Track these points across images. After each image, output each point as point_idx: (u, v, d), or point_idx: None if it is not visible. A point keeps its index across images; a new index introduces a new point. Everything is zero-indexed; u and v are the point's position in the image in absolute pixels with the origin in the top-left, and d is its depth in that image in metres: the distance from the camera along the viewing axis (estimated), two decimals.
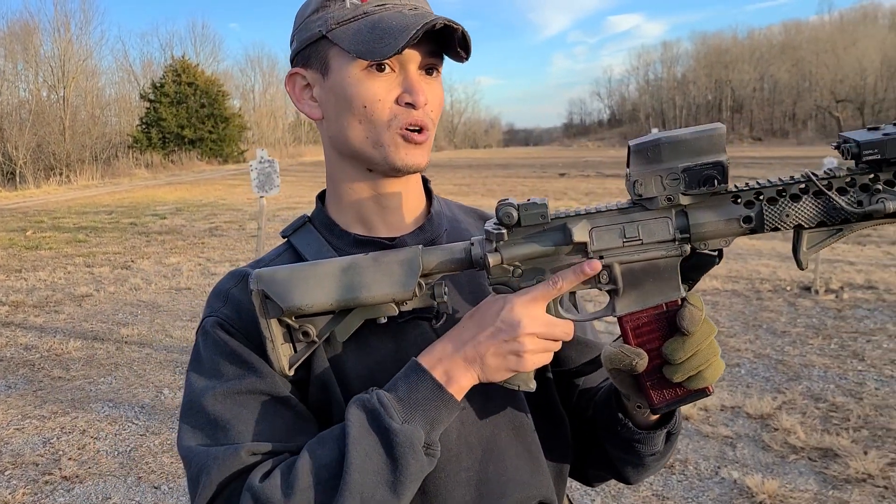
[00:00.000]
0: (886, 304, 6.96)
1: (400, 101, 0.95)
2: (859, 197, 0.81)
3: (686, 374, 0.88)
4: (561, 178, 25.52)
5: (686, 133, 0.83)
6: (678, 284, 0.87)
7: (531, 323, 0.86)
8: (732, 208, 0.84)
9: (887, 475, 3.61)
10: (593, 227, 0.87)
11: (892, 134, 0.79)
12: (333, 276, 0.90)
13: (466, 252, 0.90)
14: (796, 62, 74.87)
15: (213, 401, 0.93)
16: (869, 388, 4.81)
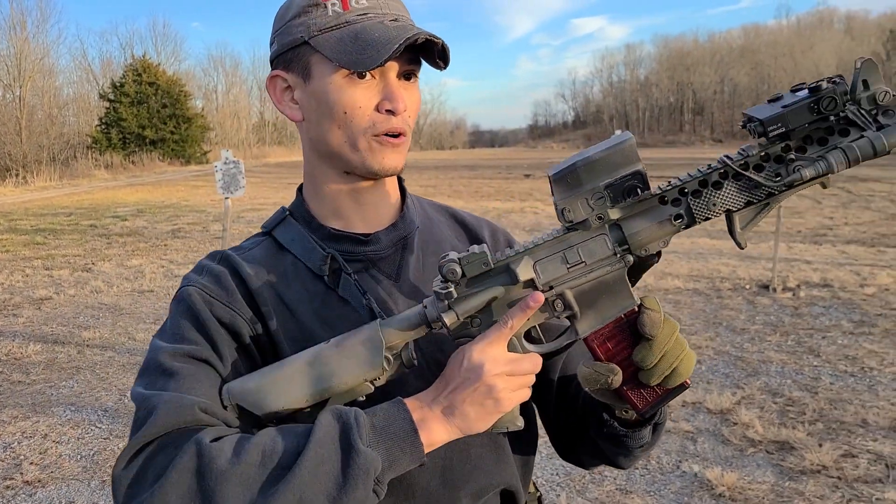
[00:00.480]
0: (841, 301, 7.16)
1: (380, 108, 0.98)
2: (777, 169, 0.83)
3: (661, 375, 0.90)
4: (526, 179, 25.70)
5: (598, 152, 0.85)
6: (630, 293, 0.89)
7: (494, 365, 0.87)
8: (662, 210, 0.86)
9: (840, 466, 3.73)
10: (536, 262, 0.89)
11: (790, 105, 0.80)
12: (301, 372, 0.91)
13: (422, 316, 0.92)
14: (755, 65, 76.34)
15: (170, 357, 0.93)
16: (824, 382, 4.96)
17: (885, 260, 9.29)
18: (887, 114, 0.80)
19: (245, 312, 1.00)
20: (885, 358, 5.42)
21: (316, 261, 1.04)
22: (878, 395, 4.70)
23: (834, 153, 0.81)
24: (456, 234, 1.20)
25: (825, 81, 0.80)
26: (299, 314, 1.02)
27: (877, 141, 0.79)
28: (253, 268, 1.04)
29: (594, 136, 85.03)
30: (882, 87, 0.80)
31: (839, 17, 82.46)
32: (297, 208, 1.11)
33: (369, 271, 1.06)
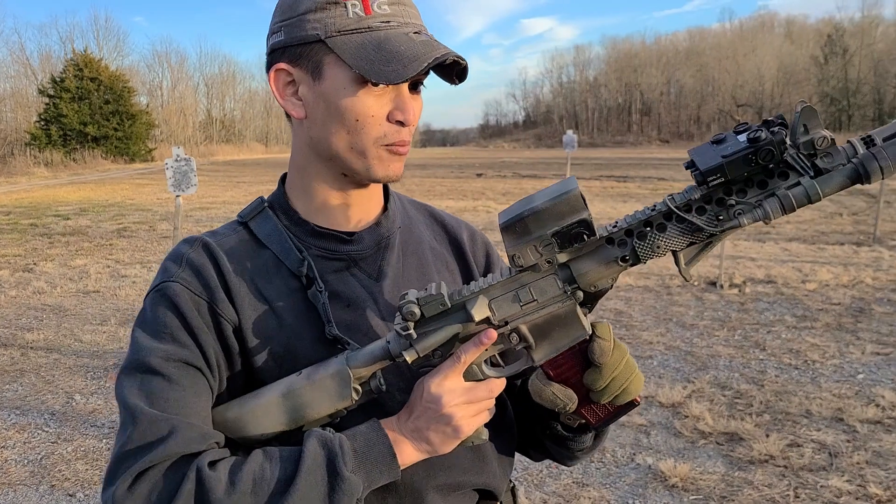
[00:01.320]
0: (784, 297, 7.39)
1: (391, 117, 0.98)
2: (718, 213, 0.86)
3: (611, 395, 0.97)
4: (478, 179, 25.82)
5: (544, 202, 0.88)
6: (581, 325, 0.93)
7: (450, 397, 0.93)
8: (608, 251, 0.90)
9: (787, 455, 3.86)
10: (491, 300, 0.93)
11: (730, 155, 0.83)
12: (276, 403, 0.96)
13: (385, 350, 0.95)
14: (700, 68, 78.09)
15: (163, 361, 0.94)
16: (770, 375, 5.11)
17: (824, 257, 9.61)
18: (826, 157, 0.83)
19: (228, 312, 0.99)
20: (826, 351, 5.62)
21: (293, 262, 1.03)
22: (820, 386, 4.87)
23: (770, 201, 0.84)
24: (435, 235, 1.20)
25: (764, 130, 0.83)
26: (279, 310, 1.01)
27: (811, 189, 0.83)
28: (232, 260, 1.02)
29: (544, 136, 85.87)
30: (820, 133, 0.83)
31: (779, 21, 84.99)
32: (277, 200, 1.09)
33: (350, 270, 1.06)
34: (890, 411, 4.40)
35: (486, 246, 1.25)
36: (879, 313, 6.68)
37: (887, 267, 8.84)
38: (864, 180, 0.82)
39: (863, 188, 17.84)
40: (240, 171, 32.70)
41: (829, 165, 0.83)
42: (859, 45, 57.88)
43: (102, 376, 5.24)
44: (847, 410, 4.42)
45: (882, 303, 7.07)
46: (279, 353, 1.00)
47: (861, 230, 11.92)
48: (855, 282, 8.02)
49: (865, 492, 3.46)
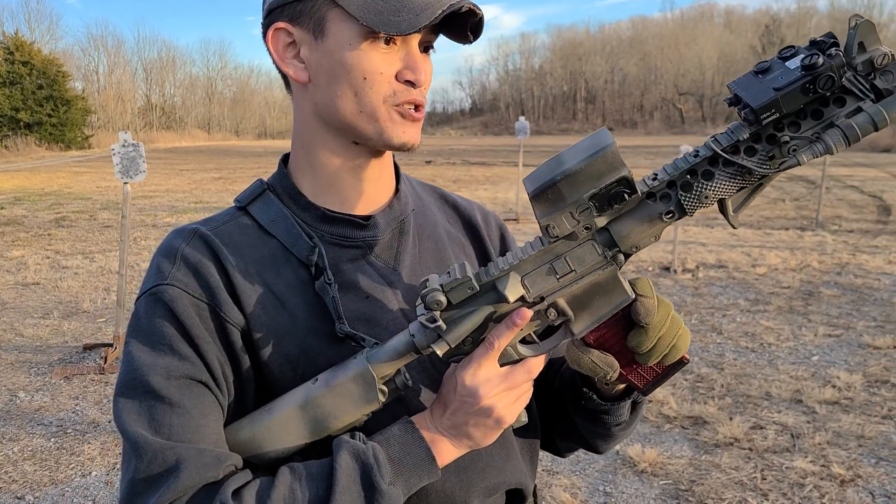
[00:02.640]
0: (736, 281, 7.53)
1: (400, 77, 0.89)
2: (770, 151, 0.77)
3: (659, 355, 0.88)
4: (427, 166, 25.71)
5: (579, 163, 0.78)
6: (623, 289, 0.85)
7: (487, 387, 0.84)
8: (651, 208, 0.81)
9: (751, 438, 3.90)
10: (524, 276, 0.84)
11: (784, 87, 0.74)
12: (295, 416, 0.86)
13: (410, 345, 0.86)
14: (643, 56, 79.34)
15: (164, 380, 0.84)
16: (728, 358, 5.18)
17: (771, 241, 9.84)
18: (885, 76, 0.75)
19: (233, 315, 0.88)
20: (780, 334, 5.73)
21: (302, 250, 0.93)
22: (777, 369, 4.95)
23: (832, 133, 0.74)
24: (448, 218, 1.12)
25: (820, 54, 0.73)
26: (291, 306, 0.91)
27: (877, 115, 0.74)
28: (234, 252, 0.91)
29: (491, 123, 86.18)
30: (880, 50, 0.74)
31: (719, 11, 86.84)
32: (279, 182, 0.98)
33: (366, 258, 0.97)
34: (846, 392, 4.50)
35: (501, 227, 1.17)
36: (827, 296, 6.85)
37: (831, 251, 9.09)
38: None
39: (802, 175, 18.39)
40: (182, 159, 31.90)
41: (890, 85, 0.74)
42: (795, 35, 59.58)
43: (47, 372, 5.00)
44: (805, 392, 4.50)
45: (829, 286, 7.25)
46: (294, 354, 0.90)
47: (804, 215, 12.25)
48: (802, 265, 8.22)
49: (829, 472, 3.51)
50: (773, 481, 3.46)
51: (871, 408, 4.28)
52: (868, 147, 29.89)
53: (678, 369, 0.92)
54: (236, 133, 74.08)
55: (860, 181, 17.46)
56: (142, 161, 4.90)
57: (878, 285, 7.23)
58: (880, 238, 9.97)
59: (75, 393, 4.66)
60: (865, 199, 14.23)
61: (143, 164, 4.92)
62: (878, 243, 9.59)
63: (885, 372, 4.83)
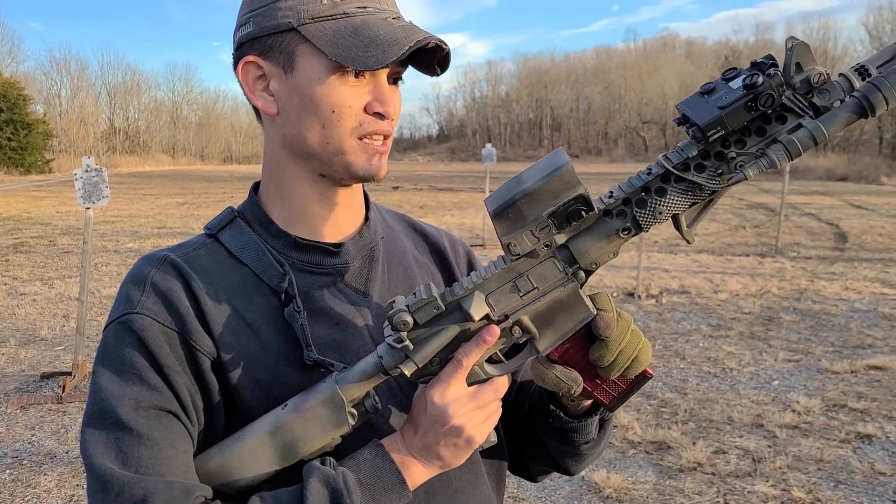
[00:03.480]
0: (699, 306, 7.64)
1: (368, 108, 0.90)
2: (718, 167, 0.81)
3: (620, 368, 0.90)
4: (395, 191, 25.76)
5: (537, 182, 0.81)
6: (585, 306, 0.87)
7: (456, 406, 0.86)
8: (608, 225, 0.85)
9: (714, 463, 3.95)
10: (488, 295, 0.86)
11: (728, 105, 0.78)
12: (264, 443, 0.87)
13: (378, 366, 0.88)
14: (607, 85, 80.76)
15: (133, 410, 0.83)
16: (691, 384, 5.24)
17: (733, 268, 10.02)
18: (822, 93, 0.79)
19: (204, 344, 0.88)
20: (742, 359, 5.82)
21: (273, 278, 0.93)
22: (739, 393, 5.03)
23: (775, 149, 0.79)
24: (416, 245, 1.14)
25: (759, 74, 0.78)
26: (262, 333, 0.91)
27: (816, 131, 0.78)
28: (205, 280, 0.92)
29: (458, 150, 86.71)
30: (816, 69, 0.78)
31: (680, 42, 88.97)
32: (250, 210, 0.99)
33: (337, 285, 0.98)
34: (805, 416, 4.58)
35: (468, 255, 1.19)
36: (787, 321, 6.99)
37: (790, 277, 9.29)
38: (870, 113, 0.78)
39: (762, 202, 18.80)
40: (146, 184, 31.51)
41: (828, 102, 0.79)
42: None
43: (3, 402, 4.87)
44: (766, 416, 4.57)
45: (788, 311, 7.40)
46: (265, 381, 0.90)
47: (763, 242, 12.51)
48: (763, 291, 8.38)
49: (790, 496, 3.57)
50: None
51: (829, 432, 4.36)
52: (825, 175, 30.73)
53: (642, 384, 0.94)
54: (202, 158, 73.45)
55: (817, 209, 17.91)
56: (105, 186, 4.85)
57: (835, 311, 7.39)
58: (837, 265, 10.22)
59: (32, 423, 4.55)
60: (823, 227, 14.59)
61: (105, 189, 4.87)
62: (834, 270, 9.82)
63: (842, 396, 4.93)
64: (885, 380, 5.26)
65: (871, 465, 3.88)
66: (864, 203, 19.39)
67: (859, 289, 8.46)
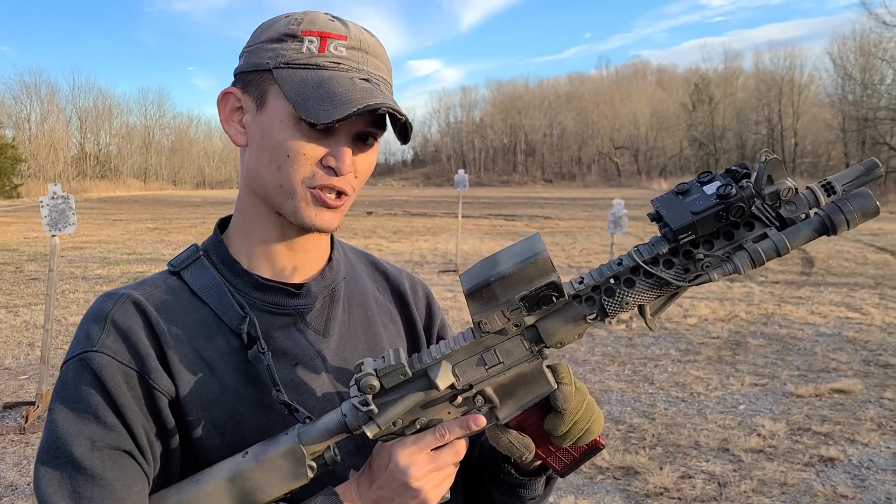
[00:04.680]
0: (668, 332, 7.72)
1: (324, 161, 0.93)
2: (686, 265, 0.85)
3: (573, 438, 0.94)
4: (369, 217, 25.76)
5: (512, 267, 0.85)
6: (547, 381, 0.91)
7: (417, 467, 0.88)
8: (576, 309, 0.88)
9: (680, 487, 3.98)
10: (455, 365, 0.89)
11: (700, 212, 0.83)
12: (222, 490, 0.88)
13: (342, 425, 0.90)
14: (580, 111, 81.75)
15: (88, 451, 0.84)
16: (659, 408, 5.29)
17: (702, 292, 10.14)
18: (789, 205, 0.84)
19: (163, 383, 0.90)
20: (709, 383, 5.89)
21: (233, 319, 0.95)
22: (706, 418, 5.08)
23: (740, 256, 0.83)
24: (377, 285, 1.16)
25: (733, 184, 0.82)
26: (220, 372, 0.93)
27: (780, 244, 0.83)
28: (165, 318, 0.93)
29: (433, 175, 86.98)
30: (786, 184, 0.83)
31: (651, 70, 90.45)
32: (214, 248, 1.01)
33: (297, 325, 1.00)
34: (770, 440, 4.64)
35: (428, 297, 1.22)
36: (754, 346, 7.09)
37: (758, 301, 9.43)
38: (831, 232, 0.83)
39: None
40: (116, 209, 31.18)
41: (793, 215, 0.84)
42: (723, 93, 62.36)
43: None
44: (732, 441, 4.62)
45: (756, 336, 7.51)
46: (222, 420, 0.92)
47: None
48: (731, 316, 8.49)
49: None
50: None
51: (793, 455, 4.42)
52: None
53: (594, 453, 0.99)
54: (174, 182, 72.86)
55: None
56: (71, 213, 4.82)
57: (801, 335, 7.51)
58: (804, 289, 10.40)
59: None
60: (791, 252, 14.81)
61: (72, 217, 4.84)
62: (801, 294, 9.99)
63: (807, 420, 5.01)
64: (847, 403, 5.35)
65: (834, 489, 3.94)
66: None
67: (825, 313, 8.61)
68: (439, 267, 12.40)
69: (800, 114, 54.68)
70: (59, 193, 4.74)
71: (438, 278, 11.20)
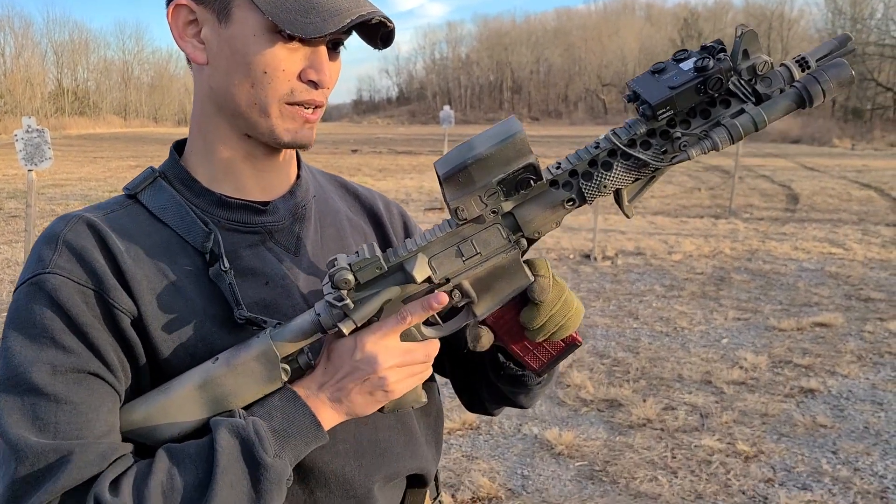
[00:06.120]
0: (653, 267, 7.76)
1: (303, 76, 0.87)
2: (663, 146, 0.84)
3: (547, 333, 0.92)
4: (354, 155, 25.51)
5: (489, 148, 0.83)
6: (525, 273, 0.89)
7: (387, 357, 0.85)
8: (553, 195, 0.87)
9: (663, 419, 4.04)
10: (431, 258, 0.87)
11: (678, 87, 0.82)
12: (193, 397, 0.85)
13: (316, 324, 0.87)
14: (568, 47, 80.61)
15: (49, 375, 0.80)
16: (643, 343, 5.34)
17: (687, 229, 10.18)
18: (764, 81, 0.83)
19: (123, 302, 0.85)
20: (693, 318, 5.94)
21: (197, 237, 0.90)
22: (689, 352, 5.14)
23: (718, 131, 0.82)
24: (349, 206, 1.12)
25: (710, 58, 0.81)
26: (187, 293, 0.88)
27: (757, 117, 0.82)
28: (123, 239, 0.88)
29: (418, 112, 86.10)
30: (762, 58, 0.82)
31: (640, 4, 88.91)
32: (171, 169, 0.95)
33: (266, 244, 0.95)
34: (752, 372, 4.71)
35: (403, 215, 1.18)
36: (738, 281, 7.14)
37: (742, 238, 9.47)
38: (808, 104, 0.83)
39: (717, 164, 19.07)
40: (96, 146, 30.68)
41: (768, 90, 0.83)
42: (712, 29, 61.53)
43: None
44: (714, 373, 4.69)
45: (740, 271, 7.56)
46: (192, 342, 0.88)
47: (718, 204, 12.71)
48: (715, 252, 8.54)
49: (734, 449, 3.67)
50: (682, 459, 3.60)
51: (774, 387, 4.49)
52: (779, 138, 31.24)
53: (571, 351, 0.96)
54: (155, 120, 71.67)
55: (771, 171, 18.23)
56: (47, 147, 4.70)
57: (784, 270, 7.58)
58: (788, 225, 10.45)
59: None
60: (776, 189, 14.87)
61: (48, 151, 4.72)
62: (786, 230, 10.04)
63: (788, 353, 5.08)
64: (829, 336, 5.43)
65: (813, 419, 4.02)
66: (816, 165, 19.80)
67: (808, 248, 8.67)
68: (425, 205, 12.33)
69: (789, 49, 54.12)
70: (33, 126, 4.62)
71: (424, 216, 11.16)
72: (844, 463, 3.55)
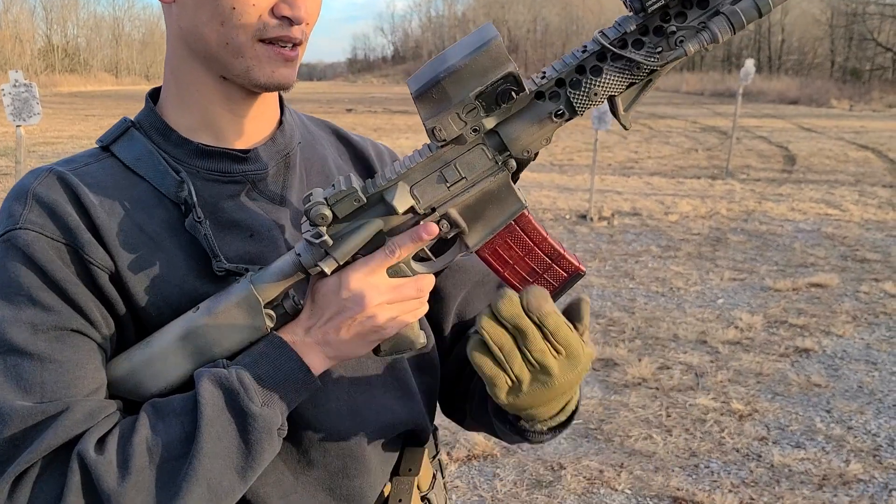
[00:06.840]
0: (649, 228, 7.74)
1: (276, 11, 0.80)
2: (658, 43, 0.76)
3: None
4: (349, 114, 25.26)
5: (462, 59, 0.74)
6: (516, 197, 0.83)
7: (374, 294, 0.80)
8: (540, 107, 0.79)
9: (658, 378, 4.05)
10: (413, 186, 0.80)
11: None
12: (175, 349, 0.81)
13: (297, 264, 0.81)
14: (565, 6, 79.49)
15: (30, 333, 0.76)
16: (639, 303, 5.34)
17: (683, 190, 10.14)
18: None
19: (99, 256, 0.81)
20: (689, 278, 5.94)
21: (170, 187, 0.85)
22: (685, 312, 5.14)
23: (717, 21, 0.74)
24: (339, 152, 1.06)
25: None
26: (166, 247, 0.84)
27: (761, 1, 0.73)
28: (97, 192, 0.83)
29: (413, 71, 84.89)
30: None
31: None
32: (146, 118, 0.90)
33: (249, 194, 0.90)
34: (747, 332, 4.72)
35: (395, 159, 1.13)
36: (734, 242, 7.13)
37: (739, 199, 9.44)
38: None
39: (715, 125, 18.95)
40: (87, 104, 30.29)
41: None
42: None
43: None
44: (710, 333, 4.69)
45: (736, 232, 7.55)
46: (174, 296, 0.84)
47: (715, 164, 12.64)
48: (712, 213, 8.51)
49: (729, 408, 3.69)
50: (676, 418, 3.61)
51: (769, 347, 4.50)
52: (777, 99, 31.03)
53: (575, 281, 0.89)
54: (147, 77, 70.61)
55: (769, 132, 18.12)
56: (36, 103, 4.61)
57: (780, 231, 7.56)
58: (785, 186, 10.41)
59: None
60: (773, 150, 14.79)
61: (37, 106, 4.63)
62: (782, 191, 10.01)
63: (783, 313, 5.08)
64: (824, 296, 5.44)
65: (808, 378, 4.03)
66: (814, 126, 19.68)
67: (805, 209, 8.66)
68: None
69: (788, 9, 53.50)
70: (21, 81, 4.52)
71: None
72: (838, 421, 3.57)
